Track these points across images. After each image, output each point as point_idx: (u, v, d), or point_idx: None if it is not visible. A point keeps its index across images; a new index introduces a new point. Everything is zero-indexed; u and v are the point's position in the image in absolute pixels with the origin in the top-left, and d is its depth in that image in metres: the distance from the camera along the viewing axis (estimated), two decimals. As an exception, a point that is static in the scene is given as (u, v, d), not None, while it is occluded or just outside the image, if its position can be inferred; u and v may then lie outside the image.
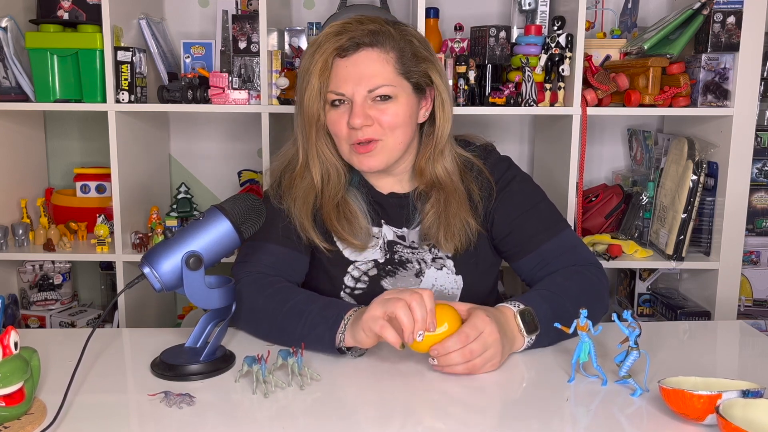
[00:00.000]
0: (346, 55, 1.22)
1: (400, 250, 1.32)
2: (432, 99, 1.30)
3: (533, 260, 1.28)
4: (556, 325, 1.06)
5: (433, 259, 1.32)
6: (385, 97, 1.23)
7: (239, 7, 2.12)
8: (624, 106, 1.93)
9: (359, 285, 1.31)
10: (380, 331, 1.03)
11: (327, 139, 1.29)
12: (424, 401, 1.00)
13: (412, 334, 1.02)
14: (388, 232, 1.33)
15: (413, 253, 1.32)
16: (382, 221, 1.34)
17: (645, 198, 2.06)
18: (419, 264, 1.32)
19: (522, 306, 1.13)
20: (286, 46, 2.15)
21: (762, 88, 1.96)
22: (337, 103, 1.24)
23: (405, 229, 1.34)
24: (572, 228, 1.34)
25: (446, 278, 1.32)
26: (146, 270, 1.05)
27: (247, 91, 1.96)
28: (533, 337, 1.13)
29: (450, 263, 1.32)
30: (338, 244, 1.32)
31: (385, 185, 1.35)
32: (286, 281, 1.26)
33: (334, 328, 1.10)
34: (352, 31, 1.22)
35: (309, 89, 1.23)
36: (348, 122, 1.23)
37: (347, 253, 1.32)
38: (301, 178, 1.30)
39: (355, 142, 1.24)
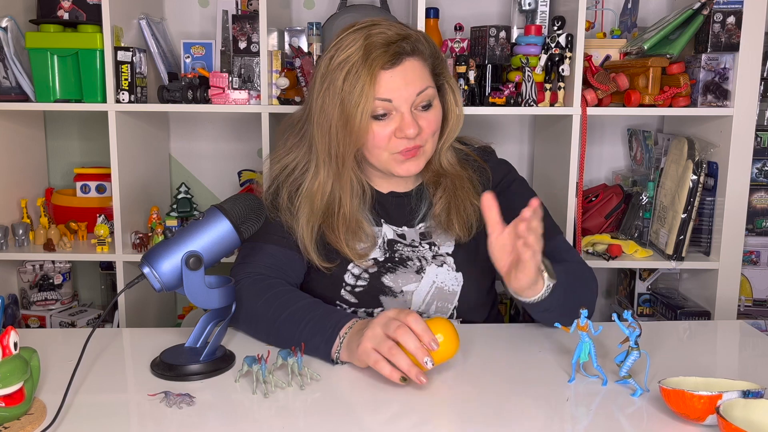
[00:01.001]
0: (390, 68, 1.21)
1: (400, 248, 1.33)
2: (445, 95, 1.32)
3: None
4: (557, 325, 1.06)
5: (434, 257, 1.32)
6: (427, 106, 1.24)
7: (239, 7, 2.11)
8: (624, 106, 1.93)
9: (359, 282, 1.31)
10: (375, 366, 1.02)
11: (354, 156, 1.28)
12: (423, 401, 1.00)
13: (417, 375, 0.99)
14: (388, 231, 1.34)
15: (413, 251, 1.32)
16: (382, 221, 1.34)
17: (645, 198, 2.06)
18: (420, 261, 1.32)
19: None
20: (286, 46, 2.15)
21: (762, 88, 1.96)
22: (380, 116, 1.23)
23: (405, 228, 1.34)
24: (564, 236, 1.38)
25: (447, 275, 1.32)
26: (146, 270, 1.05)
27: (247, 91, 1.96)
28: (550, 285, 1.14)
29: (450, 260, 1.32)
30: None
31: (386, 184, 1.36)
32: (286, 283, 1.26)
33: (330, 342, 1.10)
34: (391, 42, 1.20)
35: (362, 109, 1.19)
36: (396, 133, 1.23)
37: (347, 252, 1.32)
38: (318, 199, 1.28)
39: (404, 150, 1.24)
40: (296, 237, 1.29)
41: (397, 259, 1.32)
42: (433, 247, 1.33)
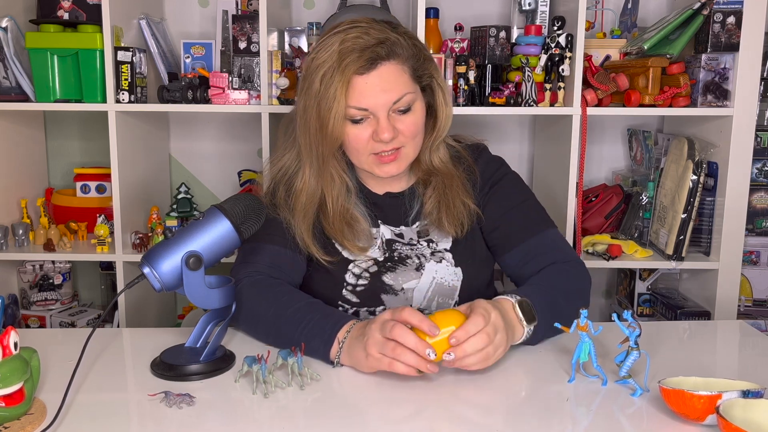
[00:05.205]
0: (364, 72, 1.20)
1: (398, 247, 1.33)
2: (433, 94, 1.31)
3: (518, 255, 1.31)
4: (557, 325, 1.06)
5: (432, 253, 1.33)
6: (406, 110, 1.23)
7: (239, 7, 2.12)
8: (624, 106, 1.93)
9: (360, 281, 1.31)
10: (390, 368, 1.02)
11: (338, 155, 1.29)
12: (424, 401, 1.00)
13: (425, 366, 1.00)
14: (386, 231, 1.34)
15: (412, 249, 1.33)
16: (379, 221, 1.35)
17: (645, 198, 2.06)
18: (419, 258, 1.33)
19: (519, 297, 1.14)
20: (286, 46, 2.15)
21: (762, 88, 1.96)
22: (358, 119, 1.23)
23: (403, 227, 1.35)
24: (558, 229, 1.37)
25: (446, 270, 1.32)
26: (146, 270, 1.05)
27: (247, 91, 1.96)
28: (532, 327, 1.13)
29: (449, 255, 1.33)
30: (338, 246, 1.32)
31: (381, 185, 1.36)
32: (286, 283, 1.26)
33: (329, 344, 1.10)
34: (366, 47, 1.19)
35: (334, 113, 1.20)
36: (373, 136, 1.22)
37: (346, 252, 1.32)
38: (305, 195, 1.29)
39: (381, 154, 1.24)
40: (295, 233, 1.29)
41: (396, 258, 1.32)
42: (431, 244, 1.34)
